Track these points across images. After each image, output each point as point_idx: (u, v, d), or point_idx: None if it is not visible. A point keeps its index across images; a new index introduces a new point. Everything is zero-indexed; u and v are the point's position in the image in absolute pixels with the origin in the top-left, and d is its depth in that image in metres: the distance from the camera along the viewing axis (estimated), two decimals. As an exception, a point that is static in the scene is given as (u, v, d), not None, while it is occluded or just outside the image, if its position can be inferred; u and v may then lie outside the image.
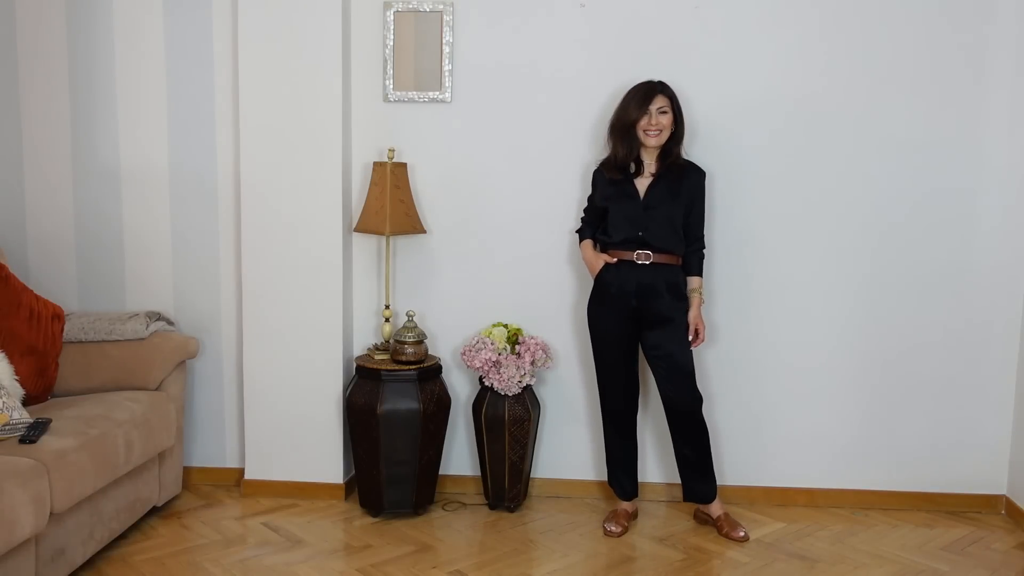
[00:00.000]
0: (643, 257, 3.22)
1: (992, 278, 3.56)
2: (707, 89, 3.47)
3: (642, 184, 3.25)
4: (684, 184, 3.24)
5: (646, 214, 3.22)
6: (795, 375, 3.62)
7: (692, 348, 3.29)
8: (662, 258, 3.23)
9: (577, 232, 3.47)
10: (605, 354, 3.35)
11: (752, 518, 3.53)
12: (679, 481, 3.45)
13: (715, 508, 3.40)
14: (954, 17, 3.44)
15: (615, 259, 3.26)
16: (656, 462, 3.68)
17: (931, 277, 3.56)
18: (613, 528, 3.34)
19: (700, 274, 3.34)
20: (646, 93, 3.20)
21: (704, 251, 3.35)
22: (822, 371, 3.62)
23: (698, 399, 3.30)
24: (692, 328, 3.29)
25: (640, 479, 3.53)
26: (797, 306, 3.59)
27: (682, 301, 3.27)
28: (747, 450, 3.66)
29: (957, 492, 3.65)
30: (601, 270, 3.30)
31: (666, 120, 3.19)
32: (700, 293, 3.33)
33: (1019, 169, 3.50)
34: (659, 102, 3.19)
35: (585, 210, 3.44)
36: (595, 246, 3.39)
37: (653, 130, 3.18)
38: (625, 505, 3.45)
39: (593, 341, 3.37)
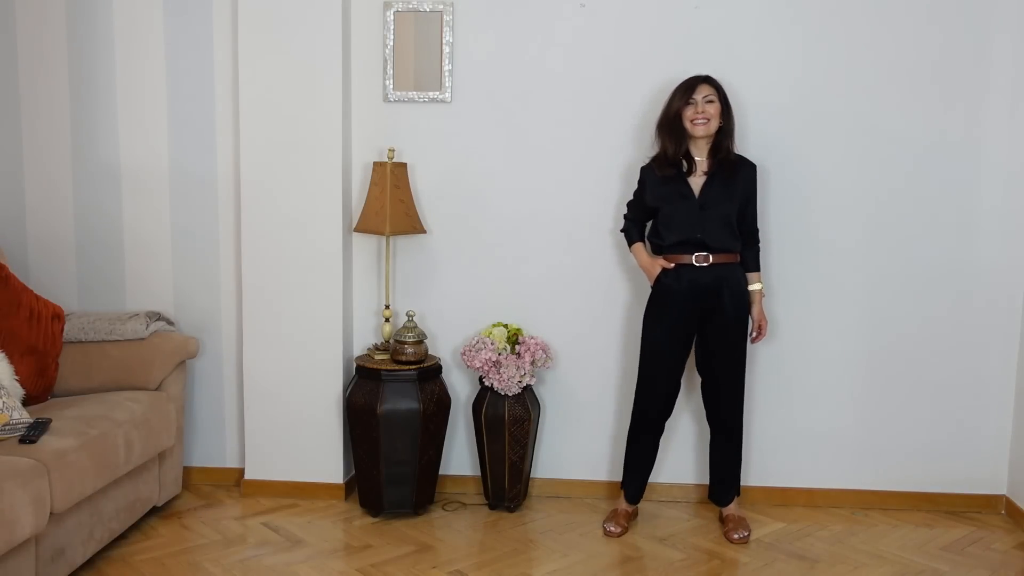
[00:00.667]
0: (702, 259, 3.18)
1: (992, 278, 3.56)
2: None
3: (696, 183, 3.19)
4: (737, 180, 3.19)
5: (702, 214, 3.17)
6: (795, 375, 3.62)
7: (752, 344, 3.33)
8: (721, 258, 3.19)
9: (623, 232, 3.42)
10: (656, 360, 3.27)
11: (752, 518, 3.53)
12: (679, 481, 3.45)
13: (728, 508, 3.42)
14: (954, 17, 3.44)
15: (672, 264, 3.21)
16: (657, 462, 3.67)
17: (931, 277, 3.56)
18: (613, 528, 3.34)
19: (759, 269, 3.31)
20: (691, 83, 3.17)
21: (759, 245, 3.32)
22: (822, 371, 3.62)
23: (741, 403, 3.32)
24: (756, 324, 3.30)
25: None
26: (797, 306, 3.59)
27: (742, 300, 3.24)
28: (748, 450, 3.65)
29: (957, 492, 3.65)
30: (659, 275, 3.24)
31: (713, 109, 3.14)
32: (761, 288, 3.32)
33: (1020, 169, 3.50)
34: (704, 91, 3.15)
35: (630, 206, 3.38)
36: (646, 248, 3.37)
37: (700, 119, 3.13)
38: (626, 506, 3.45)
39: (645, 345, 3.29)
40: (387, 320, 3.57)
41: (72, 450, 2.74)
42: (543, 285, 3.64)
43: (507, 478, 3.51)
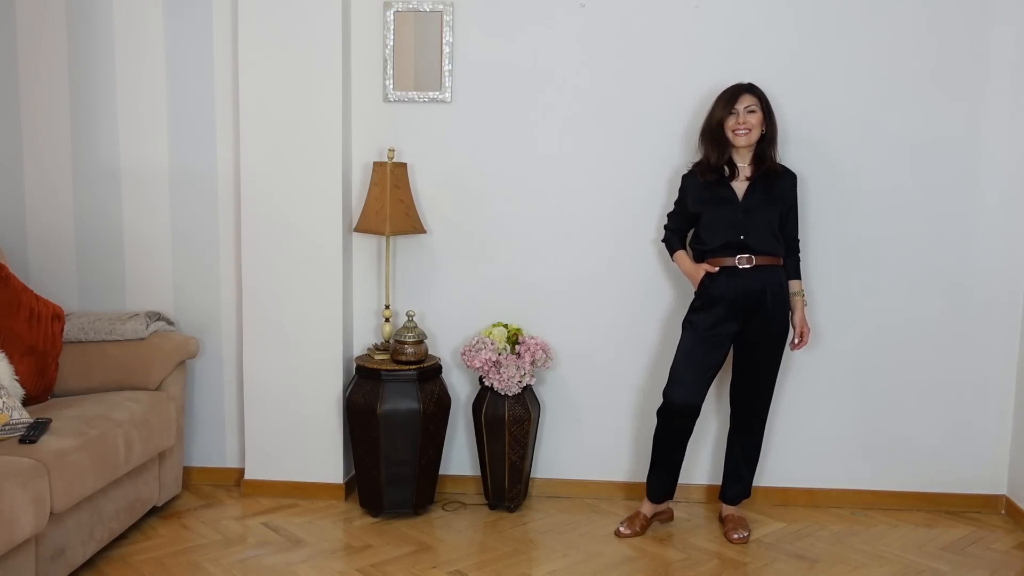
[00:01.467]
0: (745, 261, 3.17)
1: (992, 278, 3.56)
2: (707, 88, 3.46)
3: (739, 188, 3.21)
4: (779, 187, 3.22)
5: (746, 217, 3.18)
6: (795, 375, 3.62)
7: (792, 350, 3.34)
8: (764, 260, 3.18)
9: (664, 242, 3.43)
10: (696, 353, 3.22)
11: (752, 518, 3.53)
12: (680, 481, 3.44)
13: (728, 508, 3.42)
14: (954, 17, 3.44)
15: (716, 268, 3.21)
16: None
17: (931, 276, 3.56)
18: (624, 529, 3.34)
19: (799, 277, 3.33)
20: (733, 93, 3.19)
21: (800, 255, 3.35)
22: (822, 371, 3.62)
23: (769, 404, 3.33)
24: (798, 331, 3.31)
25: (639, 479, 3.53)
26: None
27: (785, 303, 3.24)
28: (747, 450, 3.66)
29: (957, 492, 3.65)
30: (704, 279, 3.23)
31: (754, 119, 3.15)
32: (803, 296, 3.33)
33: (1020, 169, 3.50)
34: (746, 101, 3.16)
35: (670, 216, 3.39)
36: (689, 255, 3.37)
37: (741, 129, 3.15)
38: (647, 508, 3.39)
39: (686, 339, 3.25)
40: (387, 320, 3.57)
41: (72, 450, 2.74)
42: (543, 285, 3.64)
43: (507, 478, 3.51)
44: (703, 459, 3.65)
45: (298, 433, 3.62)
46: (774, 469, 3.67)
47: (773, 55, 3.49)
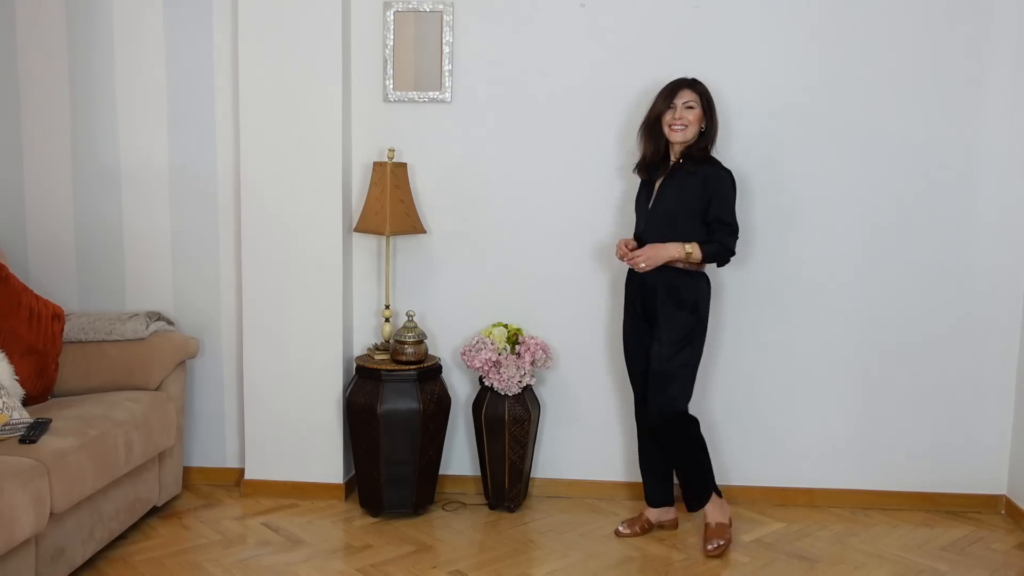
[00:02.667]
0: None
1: (992, 278, 3.56)
2: (707, 88, 3.47)
3: (659, 182, 3.19)
4: (695, 179, 3.08)
5: (650, 213, 3.17)
6: (795, 375, 3.62)
7: (629, 253, 3.11)
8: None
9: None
10: (626, 355, 3.32)
11: (752, 518, 3.53)
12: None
13: (706, 514, 3.26)
14: (954, 17, 3.44)
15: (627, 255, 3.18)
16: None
17: (931, 277, 3.56)
18: (623, 529, 3.34)
19: (705, 251, 3.06)
20: (673, 87, 3.14)
21: (723, 247, 3.08)
22: (822, 371, 3.62)
23: (670, 409, 3.12)
24: (642, 249, 3.10)
25: (639, 479, 3.52)
26: (797, 306, 3.59)
27: (680, 308, 3.11)
28: (747, 450, 3.66)
29: (957, 492, 3.65)
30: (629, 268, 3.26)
31: (692, 115, 3.08)
32: (686, 248, 3.04)
33: (1019, 169, 3.50)
34: (685, 96, 3.10)
35: None
36: None
37: (678, 124, 3.09)
38: (647, 512, 3.38)
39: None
40: (387, 320, 3.57)
41: (72, 450, 2.74)
42: (543, 285, 3.64)
43: (507, 478, 3.51)
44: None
45: (298, 433, 3.62)
46: (774, 469, 3.67)
47: (773, 55, 3.49)
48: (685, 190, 3.10)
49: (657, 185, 3.19)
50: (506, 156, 3.61)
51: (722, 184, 3.11)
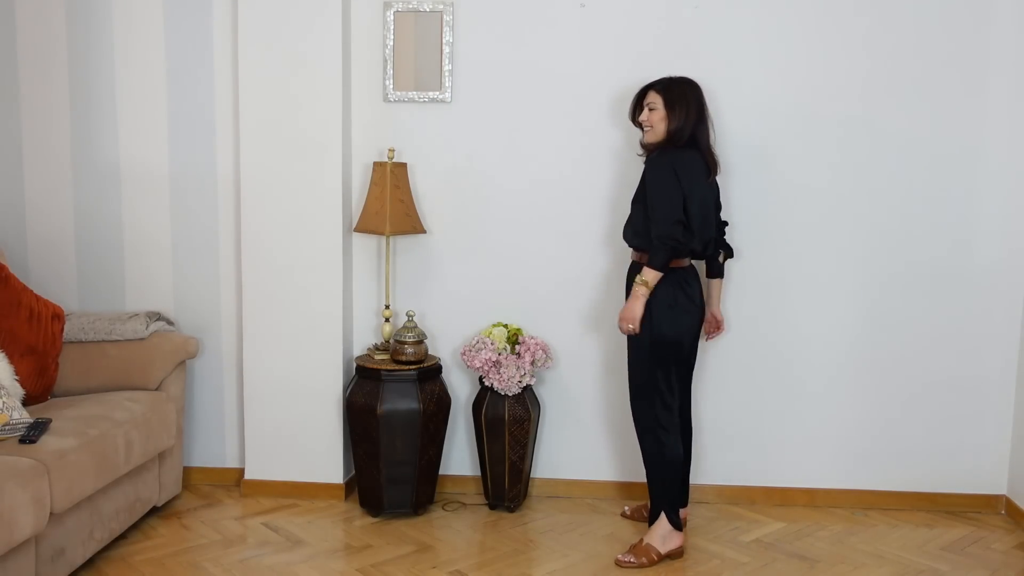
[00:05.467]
0: (632, 256, 3.21)
1: (992, 278, 3.56)
2: (707, 89, 3.45)
3: None
4: (643, 175, 3.13)
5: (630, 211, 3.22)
6: (795, 375, 3.62)
7: (634, 359, 3.11)
8: (635, 255, 3.18)
9: None
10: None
11: (752, 518, 3.53)
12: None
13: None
14: (954, 19, 3.44)
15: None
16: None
17: (931, 277, 3.56)
18: (627, 509, 3.41)
19: (649, 265, 2.97)
20: (640, 91, 3.17)
21: (661, 240, 2.95)
22: (822, 371, 3.62)
23: (636, 419, 3.12)
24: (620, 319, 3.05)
25: (639, 479, 3.52)
26: (797, 306, 3.59)
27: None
28: (747, 450, 3.66)
29: (957, 492, 3.65)
30: None
31: (655, 116, 3.07)
32: (637, 282, 2.99)
33: (1019, 170, 3.50)
34: (648, 98, 3.12)
35: None
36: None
37: (644, 127, 3.14)
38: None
39: None
40: (387, 320, 3.57)
41: (72, 450, 2.74)
42: (543, 285, 3.64)
43: (507, 478, 3.51)
44: (702, 460, 3.64)
45: (298, 433, 3.62)
46: (774, 469, 3.67)
47: (773, 56, 3.49)
48: (638, 188, 3.15)
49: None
50: (506, 156, 3.61)
51: (655, 173, 3.03)
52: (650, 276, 2.98)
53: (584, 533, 3.37)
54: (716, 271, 3.33)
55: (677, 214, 2.96)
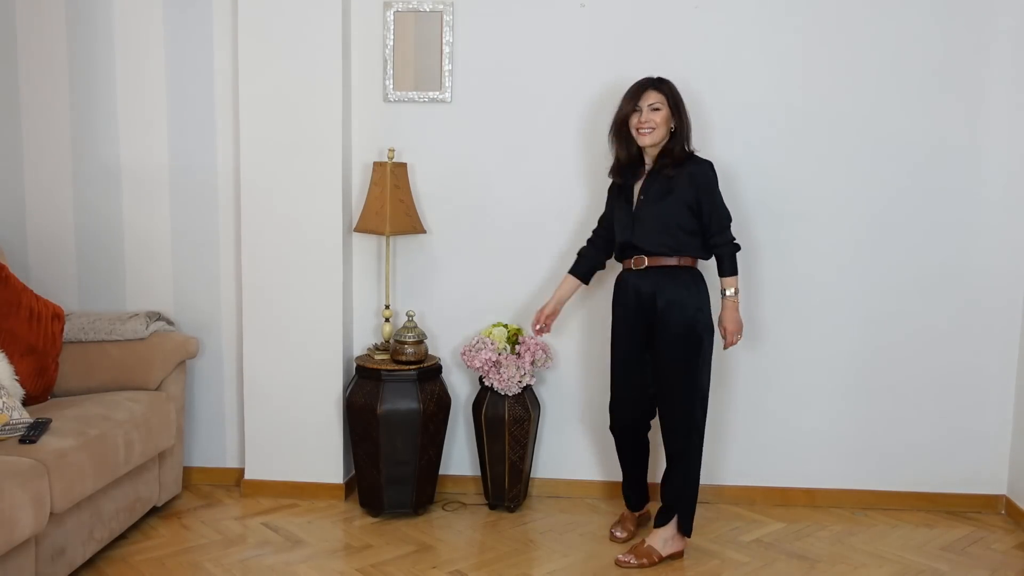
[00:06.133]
0: (637, 263, 3.08)
1: (992, 278, 3.56)
2: (707, 89, 3.47)
3: (639, 186, 3.12)
4: (680, 178, 3.01)
5: (635, 217, 3.08)
6: (795, 375, 3.62)
7: (724, 349, 3.16)
8: (656, 261, 3.05)
9: (578, 252, 3.35)
10: (615, 365, 3.21)
11: (752, 518, 3.53)
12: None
13: (655, 530, 3.18)
14: (955, 19, 3.44)
15: (544, 327, 3.31)
16: (653, 463, 3.67)
17: (931, 277, 3.56)
18: (619, 533, 3.32)
19: (730, 274, 3.07)
20: (638, 88, 3.06)
21: (732, 246, 3.07)
22: (822, 370, 3.62)
23: (688, 428, 3.06)
24: (722, 329, 3.10)
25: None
26: (796, 307, 3.59)
27: (683, 308, 3.02)
28: (747, 450, 3.66)
29: (957, 492, 3.65)
30: (618, 277, 3.20)
31: (659, 117, 3.00)
32: (731, 294, 3.07)
33: (1019, 170, 3.50)
34: (651, 98, 3.03)
35: (599, 220, 3.33)
36: (578, 282, 3.35)
37: (645, 128, 3.03)
38: (630, 511, 3.40)
39: (612, 353, 3.23)
40: (387, 320, 3.57)
41: (72, 450, 2.74)
42: (543, 285, 3.64)
43: (507, 478, 3.51)
44: (708, 459, 3.63)
45: (298, 433, 3.62)
46: (774, 469, 3.67)
47: (773, 56, 3.49)
48: (674, 194, 3.02)
49: (637, 188, 3.12)
50: (506, 156, 3.61)
51: (708, 179, 3.04)
52: (736, 282, 3.09)
53: (584, 533, 3.37)
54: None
55: (730, 217, 3.10)
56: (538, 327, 3.33)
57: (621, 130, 3.11)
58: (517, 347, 3.50)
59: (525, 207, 3.62)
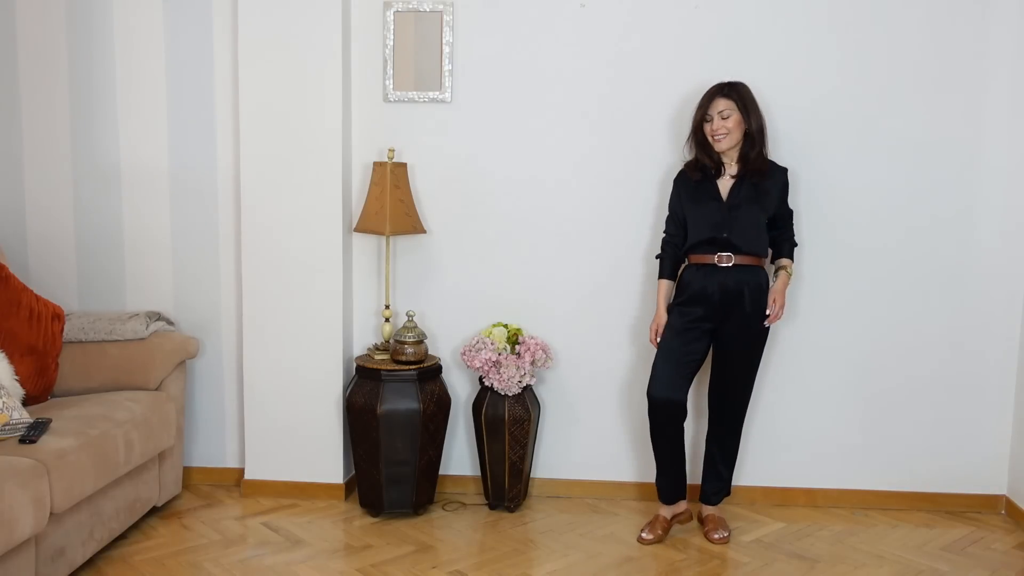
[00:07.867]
0: (725, 259, 3.16)
1: (992, 279, 3.56)
2: (707, 89, 3.46)
3: (724, 185, 3.21)
4: (766, 185, 3.20)
5: (730, 215, 3.17)
6: (795, 375, 3.62)
7: (767, 324, 3.22)
8: (745, 259, 3.17)
9: (657, 258, 3.38)
10: (670, 355, 3.21)
11: (752, 518, 3.53)
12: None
13: (708, 508, 3.40)
14: (955, 18, 3.44)
15: (661, 322, 3.29)
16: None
17: (931, 277, 3.56)
18: (647, 535, 3.30)
19: (790, 256, 3.31)
20: (707, 97, 3.19)
21: (795, 240, 3.34)
22: (822, 371, 3.62)
23: (747, 404, 3.35)
24: (770, 301, 3.20)
25: (639, 479, 3.52)
26: (796, 307, 3.59)
27: (763, 302, 3.19)
28: (747, 450, 3.65)
29: (957, 492, 3.65)
30: (684, 276, 3.26)
31: (731, 123, 3.14)
32: (787, 270, 3.28)
33: (1019, 170, 3.50)
34: (720, 106, 3.15)
35: (667, 220, 3.34)
36: (673, 286, 3.34)
37: (718, 135, 3.15)
38: (664, 512, 3.36)
39: (665, 334, 3.25)
40: (387, 320, 3.57)
41: (72, 450, 2.74)
42: (543, 285, 3.64)
43: (507, 478, 3.51)
44: (699, 458, 3.64)
45: (298, 433, 3.62)
46: (774, 469, 3.67)
47: (772, 55, 3.49)
48: (764, 199, 3.19)
49: (725, 188, 3.21)
50: (506, 156, 3.61)
51: (787, 190, 3.30)
52: (789, 266, 3.32)
53: (584, 533, 3.37)
54: None
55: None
56: (658, 339, 3.32)
57: (698, 135, 3.23)
58: (517, 347, 3.50)
59: (525, 207, 3.62)
